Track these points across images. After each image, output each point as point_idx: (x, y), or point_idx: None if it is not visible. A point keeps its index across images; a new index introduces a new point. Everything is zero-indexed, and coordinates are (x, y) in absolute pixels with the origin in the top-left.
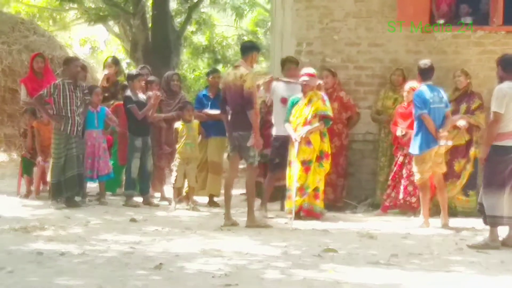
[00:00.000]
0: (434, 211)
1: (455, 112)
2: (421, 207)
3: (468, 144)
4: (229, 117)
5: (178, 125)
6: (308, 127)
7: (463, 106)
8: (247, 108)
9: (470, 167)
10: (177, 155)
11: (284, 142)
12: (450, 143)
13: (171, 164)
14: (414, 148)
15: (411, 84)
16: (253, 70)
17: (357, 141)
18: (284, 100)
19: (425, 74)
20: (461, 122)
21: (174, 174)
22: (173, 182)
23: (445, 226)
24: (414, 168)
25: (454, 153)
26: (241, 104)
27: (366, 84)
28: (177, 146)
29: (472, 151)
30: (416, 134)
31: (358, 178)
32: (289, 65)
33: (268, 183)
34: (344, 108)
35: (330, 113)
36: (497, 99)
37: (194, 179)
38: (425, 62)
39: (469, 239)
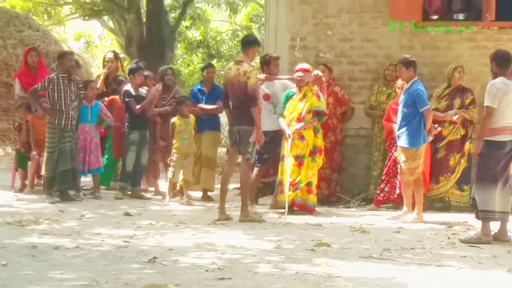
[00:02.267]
0: (427, 206)
1: (449, 107)
2: (416, 202)
3: (463, 139)
4: (231, 112)
5: (175, 120)
6: (301, 124)
7: (457, 101)
8: (251, 105)
9: (465, 162)
10: (174, 150)
11: (271, 137)
12: (432, 138)
13: (168, 159)
14: (414, 142)
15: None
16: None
17: (351, 136)
18: (266, 97)
19: (415, 67)
20: (455, 116)
21: (171, 169)
22: (171, 177)
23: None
24: (411, 164)
25: (449, 147)
26: (243, 99)
27: (360, 79)
28: (174, 141)
29: (467, 145)
30: (417, 129)
31: (351, 173)
32: (275, 63)
33: (255, 178)
34: (338, 103)
35: (324, 108)
36: (490, 94)
37: (191, 172)
38: (409, 56)
39: (461, 233)
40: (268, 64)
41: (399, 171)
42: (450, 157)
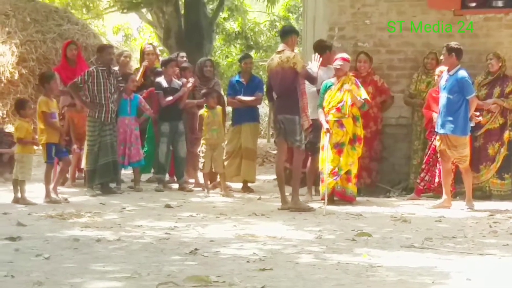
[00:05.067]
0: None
1: (488, 96)
2: (466, 190)
3: (502, 127)
4: (275, 101)
5: (202, 111)
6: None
7: (496, 90)
8: (312, 84)
9: (505, 150)
10: (203, 141)
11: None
12: (472, 125)
13: (198, 151)
14: (464, 130)
15: (442, 68)
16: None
17: (390, 125)
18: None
19: (461, 55)
20: (493, 106)
21: (201, 160)
22: (201, 168)
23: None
24: (461, 152)
25: (488, 136)
26: (288, 86)
27: (399, 68)
28: (202, 133)
29: (507, 134)
30: (465, 116)
31: (391, 162)
32: (325, 50)
33: (311, 167)
34: (378, 91)
35: (365, 96)
36: None
37: (222, 165)
38: (456, 43)
39: (503, 222)
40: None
41: (440, 159)
42: (489, 146)
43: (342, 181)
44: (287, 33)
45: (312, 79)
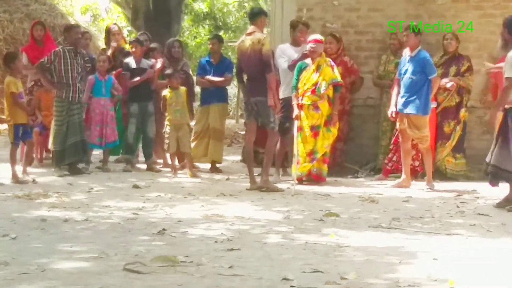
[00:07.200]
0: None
1: (444, 75)
2: (426, 169)
3: (458, 106)
4: (246, 84)
5: (166, 92)
6: (335, 117)
7: (452, 69)
8: (266, 71)
9: (460, 129)
10: (167, 122)
11: (291, 105)
12: (435, 105)
13: (163, 131)
14: (425, 109)
15: None
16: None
17: (358, 106)
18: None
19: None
20: (449, 84)
21: (166, 141)
22: (166, 148)
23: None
24: (422, 132)
25: (444, 114)
26: (260, 69)
27: (367, 49)
28: (166, 113)
29: (462, 112)
30: (427, 96)
31: (359, 143)
32: (301, 28)
33: (280, 148)
34: (348, 72)
35: (340, 79)
36: (509, 64)
37: (188, 145)
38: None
39: (470, 202)
40: (294, 28)
41: (400, 139)
42: (445, 124)
43: (319, 163)
44: (256, 15)
45: (269, 66)
